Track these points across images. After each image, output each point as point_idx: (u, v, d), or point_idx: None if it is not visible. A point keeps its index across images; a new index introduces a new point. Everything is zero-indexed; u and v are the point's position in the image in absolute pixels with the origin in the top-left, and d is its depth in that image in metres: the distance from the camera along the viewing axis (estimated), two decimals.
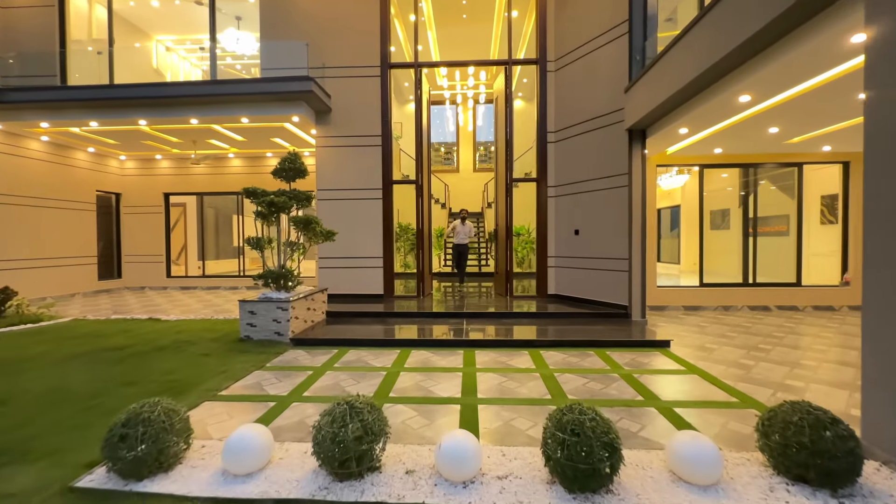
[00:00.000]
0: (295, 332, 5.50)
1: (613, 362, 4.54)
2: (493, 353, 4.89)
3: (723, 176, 9.32)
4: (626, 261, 6.45)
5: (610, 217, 6.73)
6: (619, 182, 6.54)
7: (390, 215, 7.96)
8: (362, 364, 4.55)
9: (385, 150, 7.91)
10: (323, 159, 7.98)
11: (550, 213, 7.86)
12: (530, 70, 12.03)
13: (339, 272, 7.99)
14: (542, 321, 6.32)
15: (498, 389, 3.75)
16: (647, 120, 5.96)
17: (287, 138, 8.90)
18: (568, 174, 7.54)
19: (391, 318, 6.64)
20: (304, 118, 7.62)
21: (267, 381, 4.01)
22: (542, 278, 7.92)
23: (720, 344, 5.28)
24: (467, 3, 9.05)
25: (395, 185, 8.20)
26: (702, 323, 6.57)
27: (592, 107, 6.99)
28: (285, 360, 4.70)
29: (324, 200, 7.99)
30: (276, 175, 5.85)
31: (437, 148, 16.53)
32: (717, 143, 6.60)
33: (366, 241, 7.96)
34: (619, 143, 6.51)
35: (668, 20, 6.42)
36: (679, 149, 7.05)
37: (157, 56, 10.72)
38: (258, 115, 7.43)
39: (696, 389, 3.72)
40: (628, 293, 6.43)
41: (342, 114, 7.94)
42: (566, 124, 7.53)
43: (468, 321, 6.33)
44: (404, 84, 13.27)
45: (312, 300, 6.14)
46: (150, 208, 11.11)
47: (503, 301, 7.66)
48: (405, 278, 11.70)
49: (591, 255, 7.09)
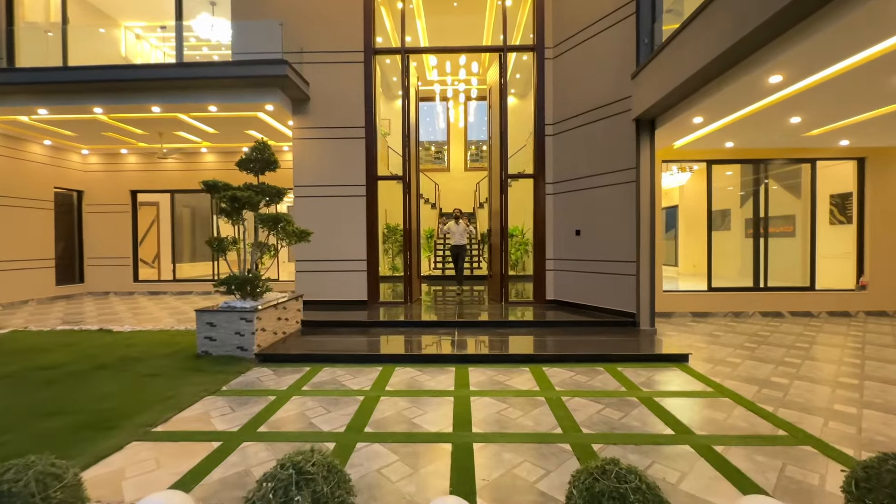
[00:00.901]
0: (261, 347, 4.79)
1: (628, 381, 3.93)
2: (489, 371, 4.25)
3: (727, 174, 8.84)
4: (634, 264, 5.86)
5: (615, 216, 6.15)
6: (626, 177, 5.96)
7: (375, 214, 7.29)
8: (336, 386, 3.87)
9: (369, 143, 7.24)
10: (301, 152, 7.28)
11: (549, 211, 7.26)
12: (524, 65, 11.47)
13: (318, 276, 7.28)
14: (542, 331, 5.70)
15: (497, 420, 3.11)
16: (658, 108, 5.40)
17: (262, 130, 8.18)
18: (568, 170, 6.95)
19: (374, 327, 5.96)
20: (280, 107, 6.92)
21: (218, 411, 3.32)
22: (540, 282, 7.31)
23: (741, 357, 4.72)
24: None
25: (381, 181, 7.53)
26: (715, 332, 6.01)
27: (595, 96, 6.41)
28: (246, 382, 4.00)
29: (302, 198, 7.28)
30: (241, 167, 5.15)
31: (426, 147, 15.91)
32: (731, 135, 6.06)
33: (348, 242, 7.27)
34: (626, 135, 5.94)
35: (669, 11, 5.86)
36: (688, 142, 6.51)
37: (125, 44, 9.91)
38: (228, 102, 6.71)
39: (733, 418, 3.12)
40: (636, 300, 5.84)
41: (322, 103, 7.26)
42: (566, 115, 6.94)
43: (460, 331, 5.69)
44: (392, 79, 12.62)
45: (284, 309, 5.43)
46: (116, 207, 10.26)
47: (498, 308, 7.03)
48: (393, 282, 11.03)
49: (594, 258, 6.50)
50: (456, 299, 8.05)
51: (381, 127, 13.42)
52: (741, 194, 9.49)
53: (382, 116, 13.84)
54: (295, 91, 6.88)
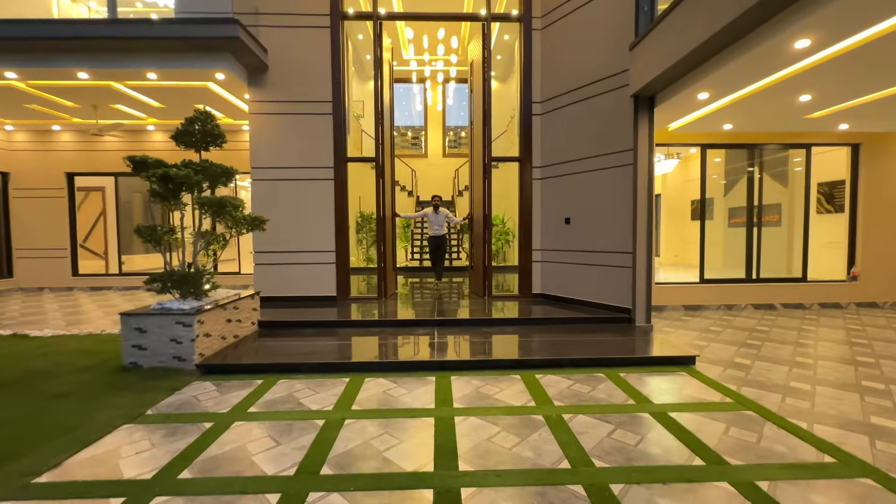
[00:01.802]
0: (204, 356, 4.03)
1: (634, 391, 3.42)
2: (474, 380, 3.65)
3: (715, 160, 8.50)
4: (630, 255, 5.37)
5: (609, 202, 5.62)
6: (622, 160, 5.43)
7: (344, 200, 6.52)
8: (292, 405, 3.19)
9: (337, 120, 6.44)
10: (259, 129, 6.41)
11: (536, 198, 6.68)
12: (505, 45, 10.79)
13: (280, 270, 6.49)
14: (531, 330, 5.14)
15: (488, 450, 2.51)
16: (659, 83, 4.85)
17: (215, 104, 7.22)
18: (557, 152, 6.37)
19: (343, 328, 5.26)
20: (232, 77, 6.02)
21: (133, 447, 2.58)
22: (526, 275, 6.76)
23: (748, 357, 4.30)
24: None
25: (350, 163, 6.76)
26: (712, 327, 5.62)
27: (589, 70, 5.82)
28: (179, 402, 3.26)
29: (261, 181, 6.43)
30: (179, 140, 4.31)
31: (403, 132, 15.12)
32: (733, 115, 5.61)
33: (314, 231, 6.49)
34: (623, 113, 5.38)
35: None
36: (685, 124, 6.04)
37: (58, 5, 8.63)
38: (169, 68, 5.76)
39: (766, 439, 2.63)
40: (632, 294, 5.36)
41: (283, 73, 6.38)
42: (555, 92, 6.34)
43: (440, 331, 5.06)
44: (366, 56, 11.69)
45: (236, 309, 4.66)
46: (49, 191, 9.05)
47: (481, 303, 6.44)
48: (368, 274, 10.30)
49: (585, 248, 5.99)
50: (435, 293, 7.42)
51: (354, 109, 12.53)
52: (723, 183, 9.23)
53: (355, 98, 12.91)
54: (250, 58, 5.98)
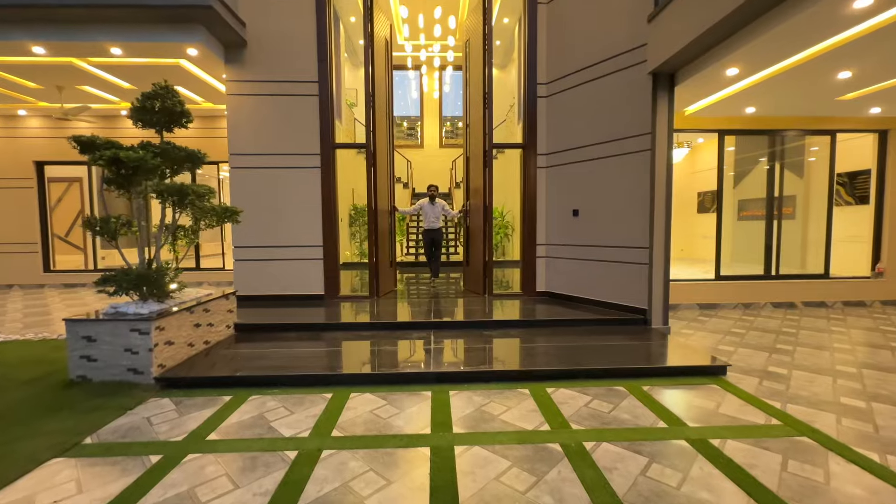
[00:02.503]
0: (166, 367, 3.50)
1: (662, 410, 2.93)
2: (477, 396, 3.16)
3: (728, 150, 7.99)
4: (646, 251, 4.87)
5: (623, 192, 5.11)
6: (638, 145, 4.91)
7: (332, 190, 5.97)
8: (262, 430, 2.67)
9: (324, 103, 5.87)
10: (237, 112, 5.83)
11: (540, 188, 6.15)
12: (504, 30, 10.19)
13: (262, 267, 5.95)
14: (537, 333, 4.64)
15: (498, 495, 2.01)
16: (682, 57, 4.32)
17: (191, 85, 6.62)
18: (564, 138, 5.84)
19: (329, 331, 4.74)
20: (207, 52, 5.42)
21: (55, 492, 2.07)
22: (529, 272, 6.25)
23: (783, 365, 3.83)
24: None
25: (340, 150, 6.21)
26: (733, 329, 5.15)
27: (600, 46, 5.27)
28: (128, 427, 2.74)
29: (239, 169, 5.86)
30: (137, 118, 3.75)
31: (398, 122, 14.56)
32: (761, 95, 5.09)
33: (299, 224, 5.95)
34: (639, 93, 4.85)
35: None
36: (704, 106, 5.52)
37: None
38: (134, 41, 5.15)
39: (838, 480, 2.15)
40: (648, 293, 4.87)
41: (262, 49, 5.79)
42: (563, 72, 5.78)
43: (437, 335, 4.56)
44: (359, 42, 11.06)
45: (206, 311, 4.12)
46: (17, 182, 8.43)
47: (481, 302, 5.94)
48: (361, 269, 9.78)
49: (595, 243, 5.48)
50: (431, 291, 6.91)
51: (347, 97, 11.91)
52: (731, 174, 8.75)
53: (348, 86, 12.29)
54: (225, 31, 5.39)
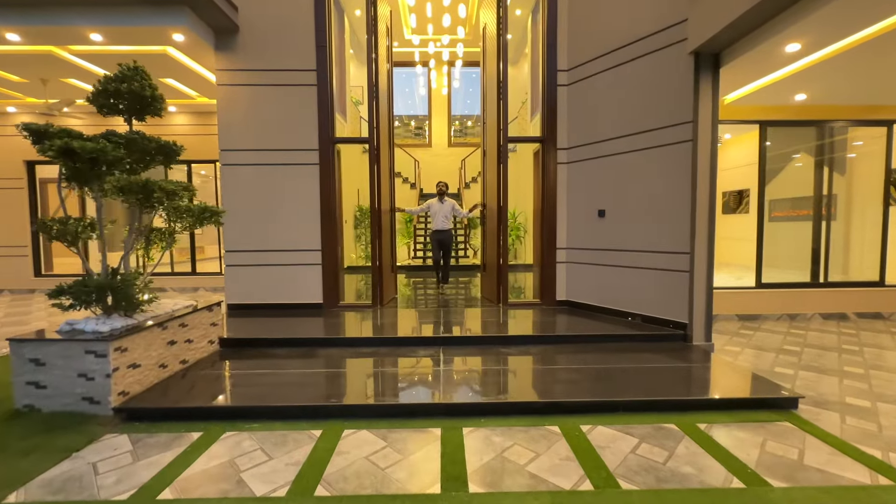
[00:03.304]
0: (130, 394, 2.99)
1: (731, 459, 2.32)
2: (496, 435, 2.58)
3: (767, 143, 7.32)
4: (687, 256, 4.25)
5: (658, 189, 4.50)
6: (677, 135, 4.30)
7: (331, 188, 5.45)
8: (229, 485, 2.13)
9: (323, 93, 5.35)
10: (228, 104, 5.34)
11: (561, 186, 5.56)
12: (517, 22, 9.64)
13: (255, 272, 5.45)
14: (562, 351, 4.05)
15: None
16: (731, 33, 3.70)
17: (182, 77, 6.16)
18: (589, 130, 5.24)
19: (325, 347, 4.20)
20: (195, 38, 4.95)
21: None
22: (548, 278, 5.66)
23: (863, 395, 3.19)
24: None
25: (343, 146, 5.69)
26: (785, 345, 4.51)
27: (630, 26, 4.67)
28: (65, 478, 2.21)
29: (231, 166, 5.37)
30: (98, 103, 3.24)
31: (406, 122, 14.11)
32: (815, 79, 4.45)
33: (295, 226, 5.43)
34: (679, 76, 4.24)
35: None
36: (748, 93, 4.90)
37: None
38: (114, 24, 4.69)
39: None
40: (688, 305, 4.25)
41: (256, 35, 5.30)
42: (587, 57, 5.19)
43: (446, 353, 3.99)
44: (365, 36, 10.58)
45: (183, 326, 3.61)
46: (6, 182, 8.06)
47: (495, 312, 5.36)
48: (367, 273, 9.27)
49: (625, 247, 4.87)
50: (440, 299, 6.34)
51: (353, 95, 11.44)
52: (758, 171, 8.05)
53: (354, 83, 11.84)
54: (214, 14, 4.90)
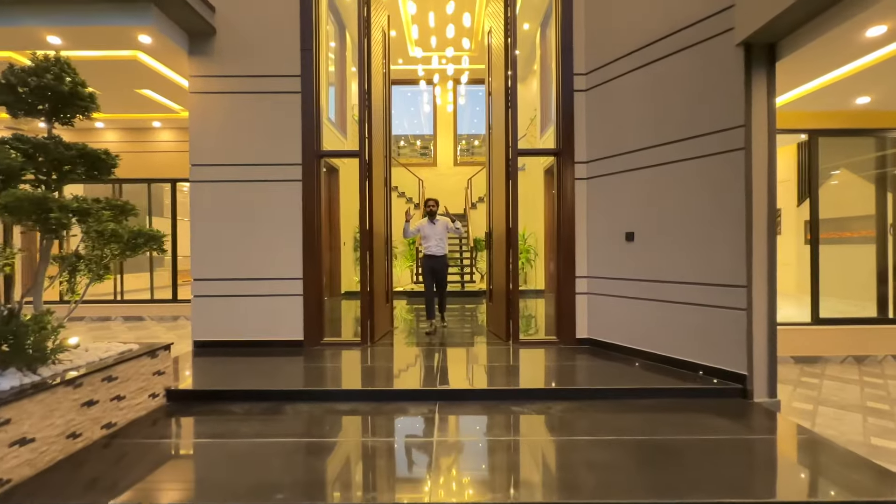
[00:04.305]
0: (12, 482, 2.22)
1: None
2: None
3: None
4: (743, 290, 3.43)
5: (701, 208, 3.73)
6: (723, 144, 3.55)
7: (315, 208, 4.76)
8: None
9: (308, 103, 4.74)
10: (201, 113, 4.74)
11: (580, 205, 4.82)
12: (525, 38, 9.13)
13: (227, 304, 4.73)
14: (591, 411, 3.21)
15: None
16: (794, 17, 3.00)
17: (156, 85, 5.63)
18: (612, 140, 4.53)
19: (296, 402, 3.40)
20: (165, 41, 4.40)
21: None
22: (567, 311, 4.84)
23: None
24: None
25: (333, 158, 5.04)
26: (870, 402, 3.63)
27: (663, 17, 4.01)
28: None
29: (202, 183, 4.73)
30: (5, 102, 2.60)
31: (411, 141, 13.74)
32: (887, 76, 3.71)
33: (274, 250, 4.74)
34: (725, 73, 3.53)
35: None
36: (802, 95, 4.17)
37: None
38: (70, 24, 4.16)
39: None
40: (747, 353, 3.40)
41: (234, 38, 4.74)
42: (609, 57, 4.52)
43: (444, 411, 3.18)
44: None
45: (111, 380, 2.86)
46: None
47: (504, 353, 4.53)
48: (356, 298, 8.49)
49: (660, 277, 4.06)
50: (440, 333, 5.54)
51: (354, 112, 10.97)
52: (783, 186, 7.21)
53: (355, 101, 11.41)
54: (187, 15, 4.36)
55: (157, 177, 7.48)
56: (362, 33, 4.86)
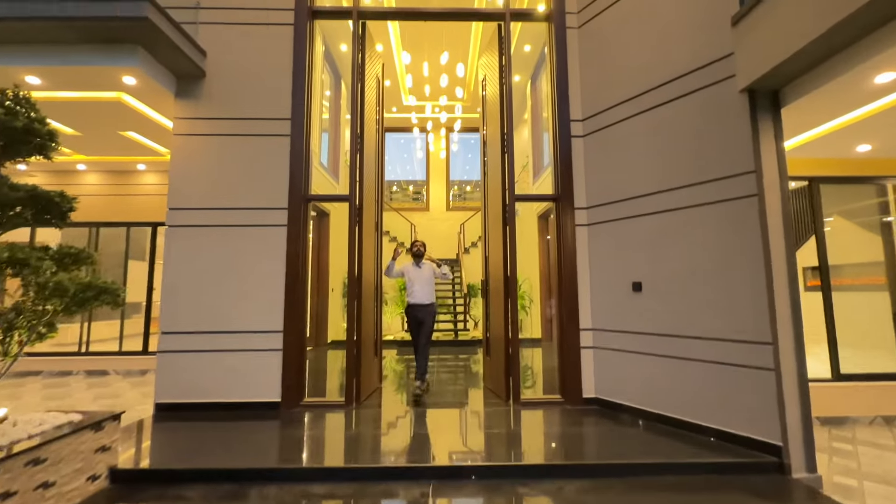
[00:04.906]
0: None
1: None
2: None
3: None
4: (769, 347, 3.11)
5: (712, 257, 3.49)
6: (734, 189, 3.38)
7: (300, 254, 4.44)
8: None
9: (296, 145, 4.56)
10: (183, 156, 4.52)
11: (581, 252, 4.57)
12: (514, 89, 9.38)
13: (196, 361, 4.26)
14: (607, 494, 2.76)
15: None
16: (798, 63, 2.92)
17: (140, 127, 5.43)
18: (613, 186, 4.37)
19: (262, 483, 2.89)
20: (151, 83, 4.25)
21: None
22: (571, 367, 4.45)
23: None
24: None
25: (314, 202, 4.81)
26: None
27: (660, 66, 3.98)
28: None
29: (179, 228, 4.41)
30: None
31: (404, 187, 13.81)
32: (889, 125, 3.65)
33: (252, 301, 4.35)
34: (730, 119, 3.43)
35: None
36: (808, 140, 4.09)
37: None
38: (53, 65, 3.99)
39: None
40: (780, 420, 3.03)
41: (225, 82, 4.63)
42: (605, 104, 4.47)
43: (437, 494, 2.70)
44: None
45: (36, 463, 2.37)
46: None
47: (504, 417, 4.07)
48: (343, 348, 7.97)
49: (674, 332, 3.74)
50: (433, 392, 5.06)
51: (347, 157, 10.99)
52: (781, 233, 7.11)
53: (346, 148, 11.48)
54: (177, 60, 4.25)
55: (139, 220, 7.16)
56: (356, 79, 4.80)
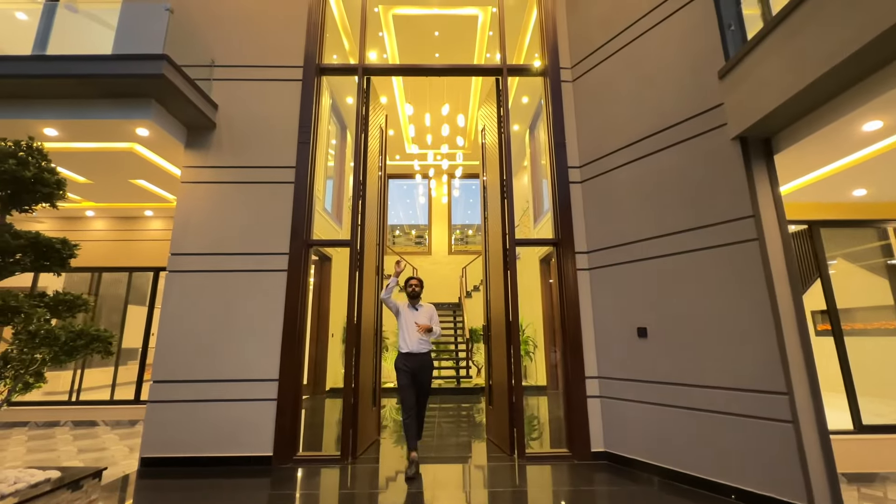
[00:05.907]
0: None
1: None
2: None
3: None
4: (784, 398, 2.97)
5: (717, 302, 3.42)
6: (733, 234, 3.38)
7: (299, 300, 4.39)
8: None
9: (300, 192, 4.66)
10: (189, 204, 4.60)
11: (584, 297, 4.51)
12: (512, 139, 9.77)
13: (188, 412, 4.09)
14: None
15: None
16: (787, 113, 3.03)
17: (150, 175, 5.58)
18: (613, 230, 4.39)
19: None
20: (163, 134, 4.43)
21: None
22: (578, 419, 4.24)
23: None
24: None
25: (315, 247, 4.82)
26: None
27: (651, 115, 4.13)
28: None
29: (179, 273, 4.41)
30: None
31: (407, 231, 14.01)
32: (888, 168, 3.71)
33: (248, 347, 4.26)
34: (725, 165, 3.50)
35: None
36: (801, 186, 4.15)
37: None
38: (69, 118, 4.17)
39: None
40: (803, 477, 2.84)
41: (235, 133, 4.81)
42: (601, 152, 4.60)
43: None
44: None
45: None
46: None
47: (509, 474, 3.83)
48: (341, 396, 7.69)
49: (683, 380, 3.60)
50: (433, 445, 4.81)
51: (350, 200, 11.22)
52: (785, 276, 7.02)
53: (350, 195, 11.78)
54: (186, 109, 4.45)
55: (142, 265, 7.19)
56: (360, 129, 4.98)
